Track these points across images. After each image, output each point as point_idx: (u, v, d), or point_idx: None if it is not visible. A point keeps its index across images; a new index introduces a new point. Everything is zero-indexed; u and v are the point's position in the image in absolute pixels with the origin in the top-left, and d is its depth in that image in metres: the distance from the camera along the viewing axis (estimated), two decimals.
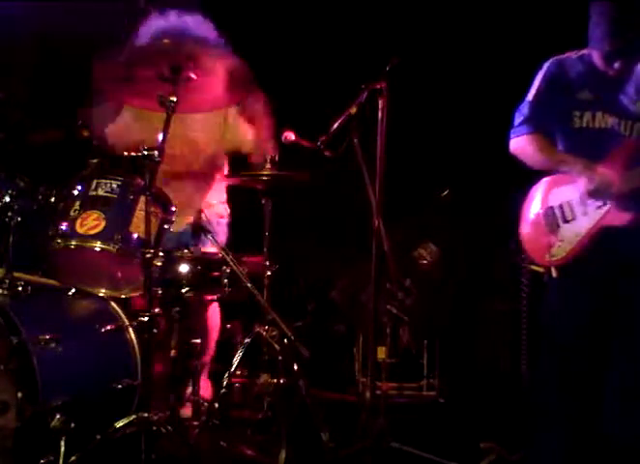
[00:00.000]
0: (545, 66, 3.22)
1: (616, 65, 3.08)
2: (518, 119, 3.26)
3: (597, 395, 3.09)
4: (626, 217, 3.03)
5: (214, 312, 3.92)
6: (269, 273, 3.66)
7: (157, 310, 3.00)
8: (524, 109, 3.24)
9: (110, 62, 3.12)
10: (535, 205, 3.23)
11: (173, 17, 3.64)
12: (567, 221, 3.13)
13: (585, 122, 3.13)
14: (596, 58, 3.12)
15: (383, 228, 3.30)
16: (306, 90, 5.00)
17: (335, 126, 3.36)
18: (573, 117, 3.14)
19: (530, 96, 3.23)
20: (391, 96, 3.30)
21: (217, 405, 3.41)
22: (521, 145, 3.25)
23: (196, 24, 3.62)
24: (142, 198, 3.12)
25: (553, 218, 3.15)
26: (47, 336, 2.99)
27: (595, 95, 3.14)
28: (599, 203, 3.06)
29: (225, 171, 4.05)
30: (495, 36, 4.87)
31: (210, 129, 3.90)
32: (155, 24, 3.62)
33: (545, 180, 3.24)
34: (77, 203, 3.17)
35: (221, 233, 3.91)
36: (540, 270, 3.28)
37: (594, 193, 3.06)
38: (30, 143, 4.08)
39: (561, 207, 3.15)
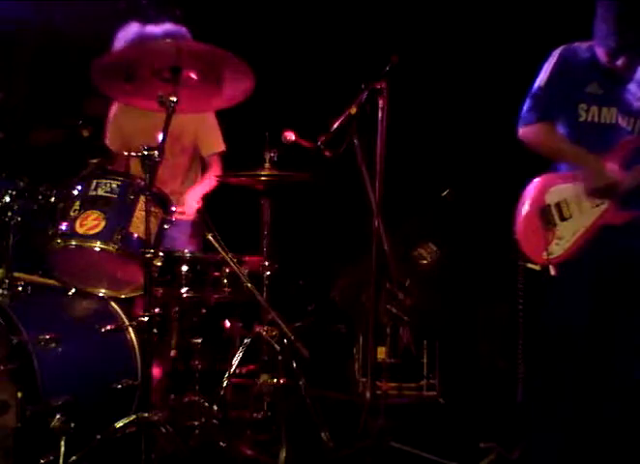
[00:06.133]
0: (557, 53, 3.19)
1: (620, 62, 3.07)
2: (528, 105, 3.20)
3: (596, 395, 3.08)
4: (625, 216, 3.03)
5: None
6: (269, 273, 3.66)
7: (157, 310, 3.00)
8: (534, 94, 3.19)
9: (109, 61, 3.12)
10: (530, 204, 3.21)
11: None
12: (564, 219, 3.12)
13: (591, 116, 3.12)
14: (601, 54, 3.11)
15: (383, 228, 3.29)
16: (306, 90, 5.00)
17: (335, 126, 3.36)
18: (580, 110, 3.13)
19: (541, 81, 3.18)
20: (391, 96, 3.30)
21: (216, 405, 3.41)
22: (530, 134, 3.20)
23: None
24: (142, 198, 3.12)
25: (550, 217, 3.14)
26: (47, 336, 2.99)
27: (603, 89, 3.13)
28: (597, 201, 3.05)
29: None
30: (496, 35, 4.87)
31: None
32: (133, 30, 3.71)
33: (539, 178, 3.23)
34: (77, 203, 3.16)
35: None
36: (537, 268, 3.26)
37: (597, 192, 3.05)
38: (30, 143, 4.08)
39: (558, 205, 3.14)
